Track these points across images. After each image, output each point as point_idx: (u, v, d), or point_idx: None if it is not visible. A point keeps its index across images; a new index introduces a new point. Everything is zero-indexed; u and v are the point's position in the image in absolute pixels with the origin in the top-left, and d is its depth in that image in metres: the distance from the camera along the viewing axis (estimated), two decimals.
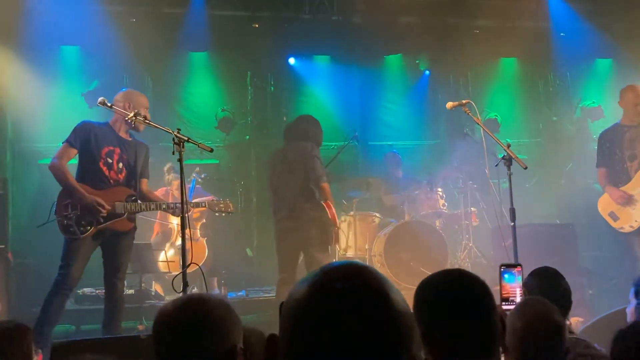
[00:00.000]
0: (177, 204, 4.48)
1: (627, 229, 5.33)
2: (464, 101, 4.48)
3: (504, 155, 3.83)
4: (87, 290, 6.20)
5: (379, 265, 6.72)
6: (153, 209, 4.64)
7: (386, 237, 6.73)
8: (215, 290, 6.80)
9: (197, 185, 7.28)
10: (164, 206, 4.57)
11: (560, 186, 9.59)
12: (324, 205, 5.30)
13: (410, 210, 7.17)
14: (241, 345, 1.66)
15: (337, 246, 6.11)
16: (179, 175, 3.77)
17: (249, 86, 9.12)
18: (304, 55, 9.14)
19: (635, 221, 5.24)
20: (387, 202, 7.65)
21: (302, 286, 1.08)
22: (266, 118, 9.13)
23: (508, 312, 2.36)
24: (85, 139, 4.47)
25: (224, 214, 4.72)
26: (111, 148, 4.48)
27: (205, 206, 4.70)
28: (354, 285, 1.05)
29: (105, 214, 4.36)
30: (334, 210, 5.36)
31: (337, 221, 5.41)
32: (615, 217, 5.38)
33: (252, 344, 1.77)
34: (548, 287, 2.51)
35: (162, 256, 6.76)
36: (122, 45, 7.99)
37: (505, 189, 4.86)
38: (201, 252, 6.90)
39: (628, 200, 5.23)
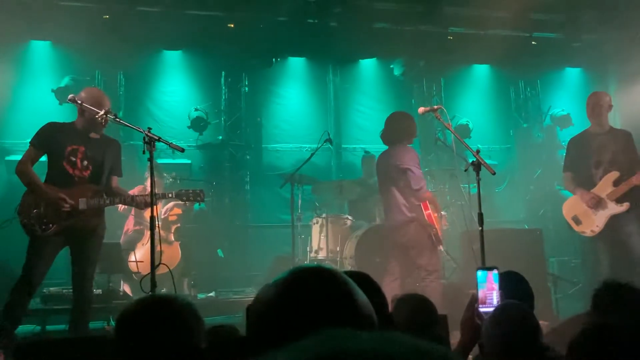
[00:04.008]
0: (142, 196, 4.43)
1: (588, 233, 5.44)
2: (435, 107, 4.54)
3: (473, 161, 3.89)
4: (53, 289, 6.07)
5: (350, 267, 6.74)
6: (118, 203, 4.57)
7: (357, 239, 6.75)
8: (185, 292, 6.74)
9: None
10: (128, 199, 4.50)
11: (530, 192, 9.77)
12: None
13: (382, 212, 7.21)
14: (204, 345, 1.65)
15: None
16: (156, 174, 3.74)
17: (223, 86, 9.08)
18: (280, 56, 9.13)
19: (597, 226, 5.35)
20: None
21: (270, 289, 1.09)
22: (240, 118, 9.10)
23: (486, 315, 2.40)
24: (48, 140, 4.41)
25: (193, 202, 4.61)
26: (75, 147, 4.41)
27: (172, 195, 4.59)
28: (321, 289, 1.06)
29: (68, 209, 4.29)
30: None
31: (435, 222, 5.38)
32: (578, 221, 5.48)
33: (223, 340, 1.76)
34: (510, 291, 2.55)
35: (132, 256, 6.68)
36: (94, 42, 7.88)
37: (475, 194, 4.93)
38: (175, 256, 6.84)
39: (598, 202, 5.33)
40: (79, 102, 4.29)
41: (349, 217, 7.33)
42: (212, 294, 7.08)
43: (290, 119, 9.44)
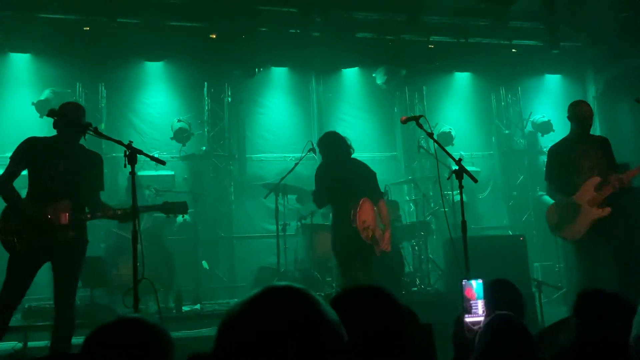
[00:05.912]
0: (124, 210, 4.37)
1: (571, 238, 5.48)
2: (417, 116, 4.55)
3: (455, 169, 3.90)
4: (35, 305, 5.99)
5: (336, 276, 6.72)
6: (99, 217, 4.50)
7: None
8: (169, 304, 6.68)
9: None
10: (110, 213, 4.44)
11: (512, 198, 9.85)
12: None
13: None
14: None
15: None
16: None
17: (205, 97, 9.06)
18: (262, 66, 9.14)
19: (579, 231, 5.39)
20: None
21: (239, 307, 1.08)
22: (223, 129, 9.08)
23: (472, 325, 2.39)
24: (27, 155, 4.35)
25: (177, 216, 4.57)
26: (55, 161, 4.35)
27: (154, 208, 4.54)
28: (287, 308, 1.05)
29: (46, 225, 4.23)
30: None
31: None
32: (561, 227, 5.52)
33: None
34: (503, 298, 2.55)
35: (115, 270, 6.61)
36: (75, 54, 7.84)
37: (458, 201, 4.94)
38: None
39: (580, 208, 5.38)
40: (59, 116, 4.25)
41: None
42: (197, 306, 7.01)
43: (274, 128, 9.44)
